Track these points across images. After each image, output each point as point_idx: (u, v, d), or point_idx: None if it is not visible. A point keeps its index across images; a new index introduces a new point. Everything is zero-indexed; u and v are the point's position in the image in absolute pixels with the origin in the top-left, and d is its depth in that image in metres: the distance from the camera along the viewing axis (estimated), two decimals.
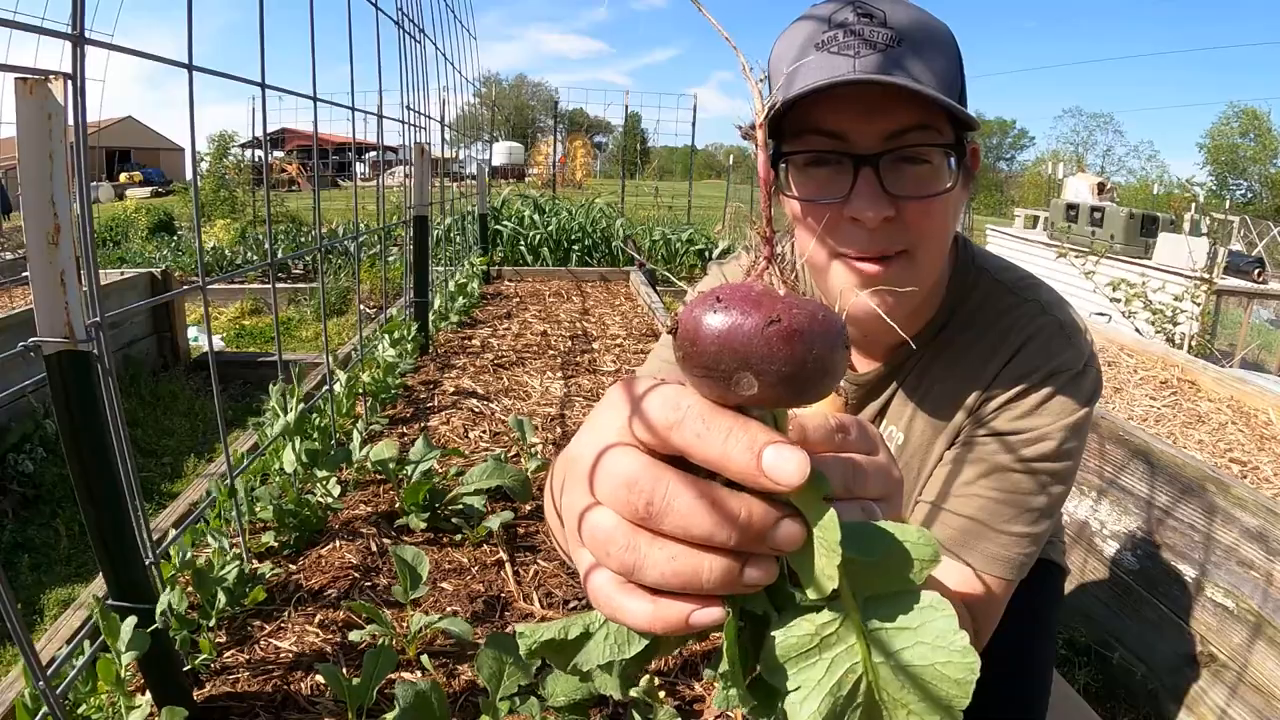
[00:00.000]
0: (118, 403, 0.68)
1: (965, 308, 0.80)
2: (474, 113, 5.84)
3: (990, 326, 0.78)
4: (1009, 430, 0.75)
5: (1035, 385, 0.75)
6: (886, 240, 0.68)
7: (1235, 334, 6.59)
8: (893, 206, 0.66)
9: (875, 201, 0.65)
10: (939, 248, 0.72)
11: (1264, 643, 1.64)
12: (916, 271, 0.71)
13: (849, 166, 0.66)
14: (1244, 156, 35.96)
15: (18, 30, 0.62)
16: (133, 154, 29.20)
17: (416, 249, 2.18)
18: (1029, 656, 1.03)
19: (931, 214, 0.68)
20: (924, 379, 0.82)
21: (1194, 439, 2.59)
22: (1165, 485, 1.95)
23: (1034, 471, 0.75)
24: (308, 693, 0.78)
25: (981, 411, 0.77)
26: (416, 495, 1.13)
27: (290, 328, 6.38)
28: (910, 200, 0.66)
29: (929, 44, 0.65)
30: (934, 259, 0.72)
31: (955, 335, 0.80)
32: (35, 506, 3.13)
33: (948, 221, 0.71)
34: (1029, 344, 0.76)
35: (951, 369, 0.80)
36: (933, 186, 0.66)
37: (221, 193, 12.19)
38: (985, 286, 0.80)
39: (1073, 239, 9.65)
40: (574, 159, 23.73)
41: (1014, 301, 0.79)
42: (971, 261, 0.82)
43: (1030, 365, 0.75)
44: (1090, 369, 0.76)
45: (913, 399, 0.83)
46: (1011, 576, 0.75)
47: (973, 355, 0.79)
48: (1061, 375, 0.74)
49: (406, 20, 2.07)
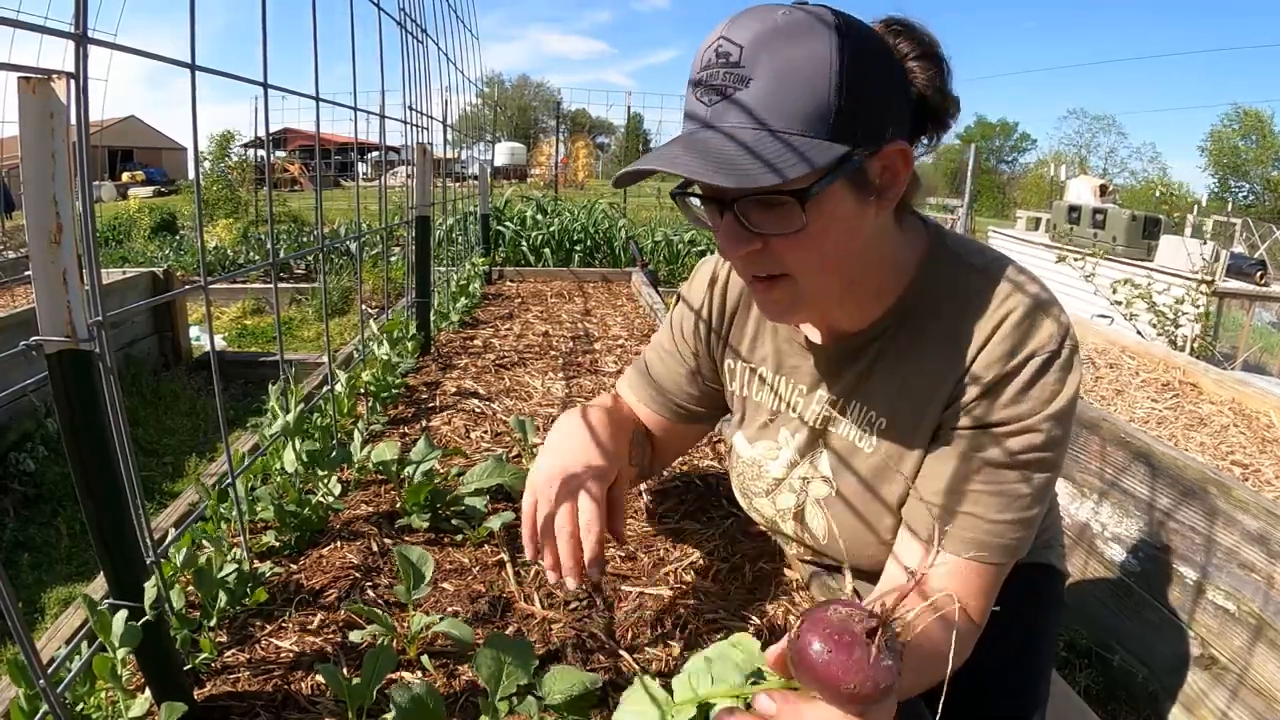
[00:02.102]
0: (119, 402, 0.68)
1: (936, 291, 0.81)
2: (476, 113, 5.85)
3: (966, 310, 0.79)
4: (995, 421, 0.76)
5: (1015, 370, 0.76)
6: (761, 267, 0.74)
7: (1237, 336, 6.59)
8: (757, 241, 0.71)
9: (734, 241, 0.72)
10: (822, 271, 0.75)
11: (1265, 645, 1.63)
12: (802, 291, 0.75)
13: (716, 204, 0.72)
14: (1246, 159, 35.93)
15: (20, 29, 0.63)
16: (135, 153, 29.25)
17: (418, 249, 2.18)
18: (1029, 659, 1.03)
19: (800, 246, 0.71)
20: (903, 360, 0.83)
21: (1195, 441, 2.59)
22: (1166, 487, 1.95)
23: (1024, 464, 0.76)
24: (308, 692, 0.78)
25: (962, 398, 0.78)
26: (418, 495, 1.13)
27: (292, 327, 6.38)
28: (773, 236, 0.71)
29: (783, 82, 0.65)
30: (820, 281, 0.75)
31: (929, 319, 0.81)
32: (36, 505, 3.14)
33: (827, 248, 0.73)
34: (1004, 326, 0.77)
35: (929, 351, 0.81)
36: (790, 227, 0.69)
37: (223, 191, 12.22)
38: (957, 270, 0.82)
39: (1075, 241, 9.64)
40: (576, 159, 23.75)
41: (987, 283, 0.79)
42: (944, 245, 0.83)
43: (1007, 347, 0.76)
44: (1067, 346, 0.76)
45: (893, 380, 0.84)
46: (1007, 559, 0.78)
47: (948, 339, 0.80)
48: (1039, 357, 0.75)
49: (409, 20, 2.07)
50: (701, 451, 1.46)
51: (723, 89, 0.66)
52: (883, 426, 0.85)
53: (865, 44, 0.68)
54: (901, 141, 0.71)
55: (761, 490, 1.00)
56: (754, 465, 1.00)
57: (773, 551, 1.09)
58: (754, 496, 1.01)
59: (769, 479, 0.98)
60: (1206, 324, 5.51)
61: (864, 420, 0.87)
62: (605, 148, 45.40)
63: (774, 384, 0.96)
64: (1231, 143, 36.10)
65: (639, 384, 1.07)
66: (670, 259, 8.23)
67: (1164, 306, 5.08)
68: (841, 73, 0.66)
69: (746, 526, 1.15)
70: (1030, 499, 0.77)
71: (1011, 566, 0.80)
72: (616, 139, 44.32)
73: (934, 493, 0.79)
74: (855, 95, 0.66)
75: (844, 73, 0.66)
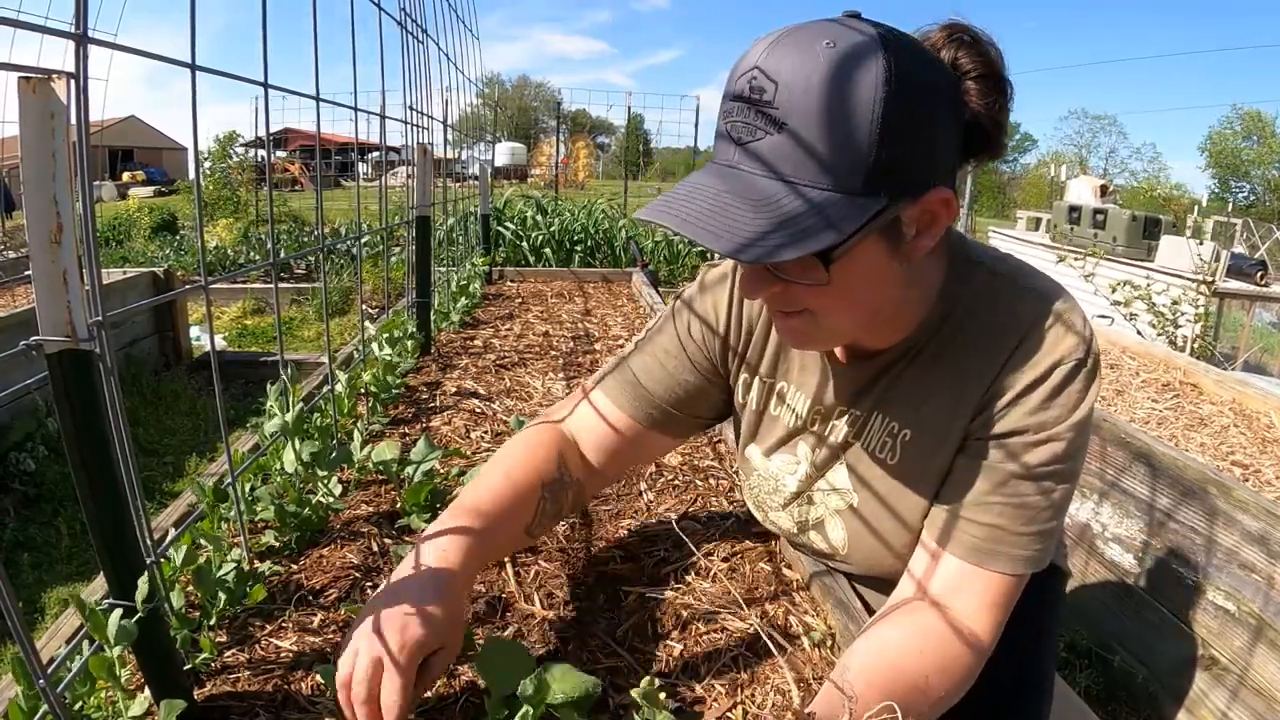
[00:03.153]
0: (119, 402, 0.68)
1: (963, 304, 0.80)
2: (477, 113, 5.86)
3: (991, 320, 0.79)
4: (1019, 429, 0.76)
5: (1040, 378, 0.75)
6: (783, 305, 0.73)
7: (1237, 337, 6.59)
8: (777, 284, 0.70)
9: (754, 285, 0.71)
10: (847, 313, 0.74)
11: (1265, 646, 1.63)
12: (822, 327, 0.74)
13: None
14: (1246, 159, 35.92)
15: (21, 29, 0.63)
16: (135, 153, 29.27)
17: (419, 249, 2.18)
18: (1030, 659, 1.03)
19: (823, 295, 0.70)
20: (927, 372, 0.82)
21: (1196, 441, 2.59)
22: (1167, 488, 1.95)
23: (1047, 475, 0.76)
24: (308, 692, 0.78)
25: (989, 409, 0.78)
26: (418, 495, 1.13)
27: (292, 327, 6.39)
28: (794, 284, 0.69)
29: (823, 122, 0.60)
30: (842, 321, 0.74)
31: (955, 332, 0.80)
32: (37, 505, 3.14)
33: (851, 296, 0.71)
34: (1030, 335, 0.76)
35: (953, 365, 0.80)
36: (811, 280, 0.68)
37: (223, 190, 12.22)
38: (983, 280, 0.80)
39: (1075, 241, 9.64)
40: (576, 160, 23.75)
41: (1013, 293, 0.79)
42: (967, 257, 0.82)
43: (1033, 357, 0.76)
44: (1091, 356, 0.76)
45: (914, 392, 0.83)
46: (1029, 570, 0.78)
47: (974, 350, 0.79)
48: (1065, 366, 0.75)
49: (409, 20, 2.07)
50: (702, 451, 1.46)
51: (753, 129, 0.62)
52: (906, 439, 0.84)
53: (916, 77, 0.62)
54: (945, 190, 0.67)
55: (779, 504, 0.98)
56: (770, 479, 0.98)
57: (773, 551, 1.09)
58: (770, 510, 1.00)
59: (786, 493, 0.96)
60: (1207, 324, 5.50)
61: (886, 432, 0.86)
62: (605, 148, 45.41)
63: (793, 400, 0.94)
64: (1232, 143, 36.09)
65: (620, 386, 0.99)
66: (670, 259, 8.23)
67: (1164, 307, 5.08)
68: (885, 121, 0.60)
69: (747, 526, 1.15)
70: (1052, 511, 0.76)
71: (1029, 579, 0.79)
72: (617, 139, 44.34)
73: (958, 504, 0.79)
74: (899, 144, 0.61)
75: (888, 120, 0.60)
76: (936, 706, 0.72)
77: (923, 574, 0.80)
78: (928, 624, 0.76)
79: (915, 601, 0.79)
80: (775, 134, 0.61)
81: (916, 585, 0.80)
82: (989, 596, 0.77)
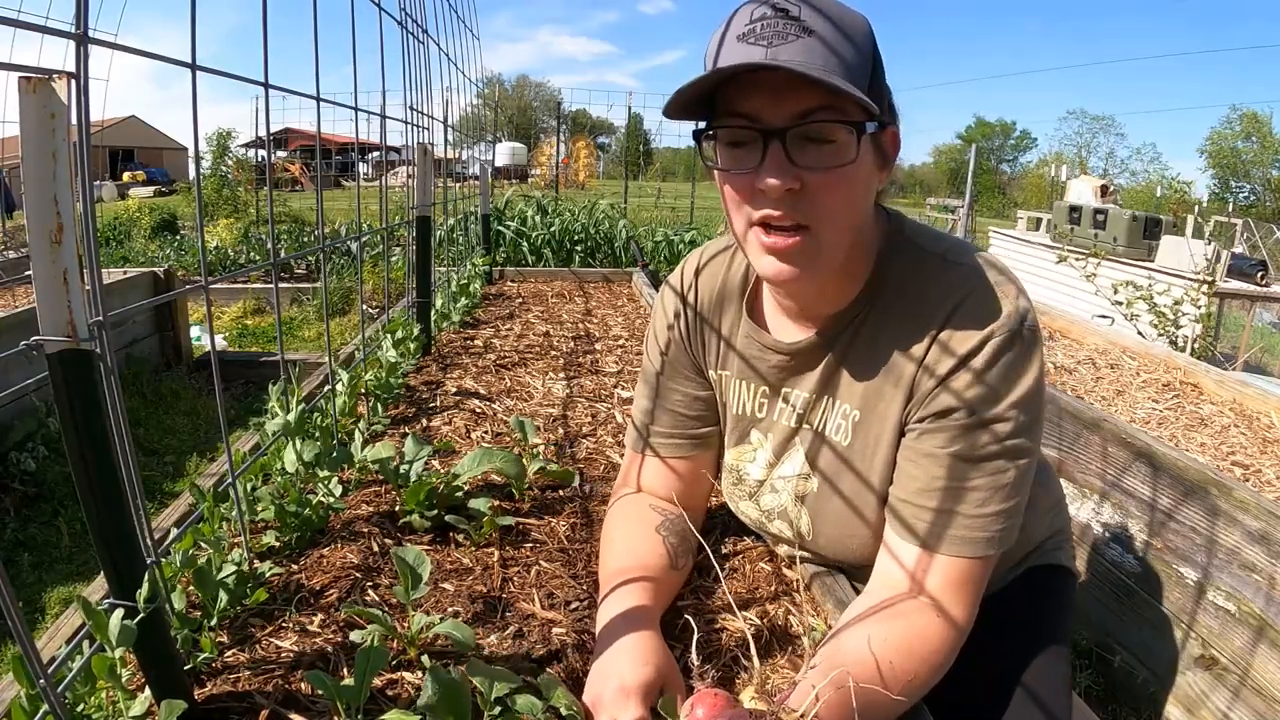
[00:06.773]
0: (120, 402, 0.68)
1: (897, 279, 0.82)
2: (477, 113, 5.86)
3: (923, 295, 0.80)
4: (955, 405, 0.76)
5: (973, 351, 0.76)
6: (791, 209, 0.73)
7: (1238, 337, 6.59)
8: (797, 179, 0.72)
9: (780, 171, 0.71)
10: (843, 224, 0.76)
11: (1266, 646, 1.63)
12: (819, 247, 0.75)
13: (760, 142, 0.72)
14: (1246, 160, 35.89)
15: (21, 29, 0.63)
16: (136, 153, 29.27)
17: (419, 249, 2.18)
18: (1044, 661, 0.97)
19: (835, 189, 0.73)
20: (866, 351, 0.84)
21: (1196, 442, 2.59)
22: (1167, 488, 1.95)
23: (996, 455, 0.76)
24: (308, 692, 0.78)
25: (926, 383, 0.79)
26: (418, 495, 1.13)
27: (293, 327, 6.38)
28: (814, 172, 0.72)
29: (839, 38, 0.70)
30: (836, 235, 0.76)
31: (889, 307, 0.82)
32: (37, 505, 3.14)
33: (853, 198, 0.75)
34: (961, 307, 0.77)
35: (889, 339, 0.82)
36: (836, 161, 0.71)
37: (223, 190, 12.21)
38: (916, 257, 0.82)
39: (1075, 241, 9.63)
40: (577, 160, 23.73)
41: (944, 268, 0.80)
42: (902, 234, 0.84)
43: (964, 329, 0.76)
44: (1026, 327, 0.76)
45: (857, 372, 0.85)
46: (990, 553, 0.78)
47: (907, 322, 0.80)
48: (996, 338, 0.75)
49: (410, 20, 2.07)
50: None
51: (784, 35, 0.69)
52: (856, 419, 0.86)
53: None
54: (895, 127, 0.78)
55: (745, 494, 1.00)
56: (733, 470, 1.00)
57: (773, 551, 1.09)
58: (739, 500, 1.02)
59: (751, 482, 0.98)
60: (1207, 324, 5.50)
61: (838, 414, 0.87)
62: (606, 148, 45.40)
63: (743, 388, 0.96)
64: (1231, 144, 36.06)
65: (654, 439, 1.02)
66: (671, 259, 8.21)
67: (1164, 307, 5.07)
68: (875, 50, 0.74)
69: (746, 526, 1.15)
70: (1009, 489, 0.77)
71: (998, 558, 0.79)
72: (617, 139, 44.32)
73: (913, 491, 0.79)
74: (880, 73, 0.74)
75: (876, 51, 0.74)
76: (909, 688, 0.72)
77: (885, 564, 0.82)
78: (891, 611, 0.76)
79: (877, 589, 0.81)
80: (807, 37, 0.69)
81: (879, 575, 0.82)
82: (952, 579, 0.77)
